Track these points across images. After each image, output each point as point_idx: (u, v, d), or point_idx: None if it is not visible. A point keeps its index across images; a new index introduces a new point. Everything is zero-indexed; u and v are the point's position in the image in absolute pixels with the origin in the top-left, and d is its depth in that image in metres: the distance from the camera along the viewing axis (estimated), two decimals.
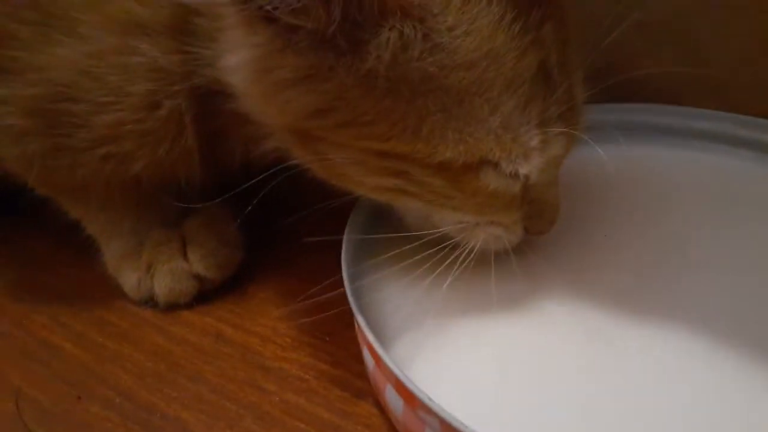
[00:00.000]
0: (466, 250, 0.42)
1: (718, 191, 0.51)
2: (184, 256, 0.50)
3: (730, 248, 0.46)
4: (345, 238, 0.44)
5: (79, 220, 0.51)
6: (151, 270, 0.49)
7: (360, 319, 0.38)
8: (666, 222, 0.49)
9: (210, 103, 0.42)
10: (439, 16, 0.34)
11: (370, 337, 0.37)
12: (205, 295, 0.50)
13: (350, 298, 0.39)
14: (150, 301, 0.50)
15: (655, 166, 0.55)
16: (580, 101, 0.41)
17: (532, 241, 0.46)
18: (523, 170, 0.38)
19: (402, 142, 0.36)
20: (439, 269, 0.42)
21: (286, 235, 0.55)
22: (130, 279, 0.50)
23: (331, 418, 0.40)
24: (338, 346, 0.45)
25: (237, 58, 0.36)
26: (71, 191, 0.48)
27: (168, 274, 0.49)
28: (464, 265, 0.42)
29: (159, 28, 0.40)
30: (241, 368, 0.44)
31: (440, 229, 0.42)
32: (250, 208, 0.44)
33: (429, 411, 0.33)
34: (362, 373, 0.42)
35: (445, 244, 0.42)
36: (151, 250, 0.50)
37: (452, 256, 0.42)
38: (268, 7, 0.32)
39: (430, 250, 0.42)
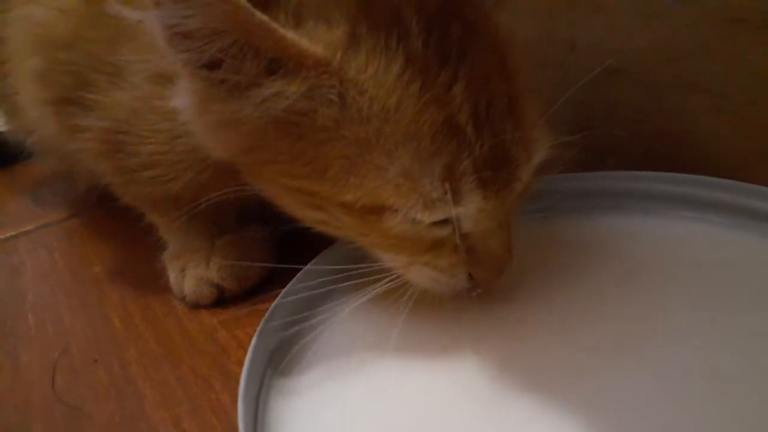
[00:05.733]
0: (408, 290, 0.44)
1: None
2: (208, 265, 0.59)
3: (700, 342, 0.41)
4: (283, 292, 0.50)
5: (152, 224, 0.64)
6: (183, 272, 0.59)
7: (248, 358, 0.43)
8: (638, 297, 0.45)
9: None
10: (338, 74, 0.37)
11: (242, 378, 0.42)
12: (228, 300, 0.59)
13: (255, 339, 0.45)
14: (183, 298, 0.60)
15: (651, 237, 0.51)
16: (522, 156, 0.40)
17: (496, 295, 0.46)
18: (423, 218, 0.39)
19: (311, 182, 0.41)
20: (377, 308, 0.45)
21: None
22: (171, 276, 0.61)
23: None
24: None
25: (182, 101, 0.43)
26: (140, 202, 0.61)
27: (193, 278, 0.59)
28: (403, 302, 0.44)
29: (176, 78, 0.49)
30: (207, 365, 0.51)
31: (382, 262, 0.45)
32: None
33: None
34: None
35: (390, 277, 0.44)
36: (186, 256, 0.60)
37: (393, 296, 0.44)
38: (185, 60, 0.38)
39: (376, 289, 0.44)
